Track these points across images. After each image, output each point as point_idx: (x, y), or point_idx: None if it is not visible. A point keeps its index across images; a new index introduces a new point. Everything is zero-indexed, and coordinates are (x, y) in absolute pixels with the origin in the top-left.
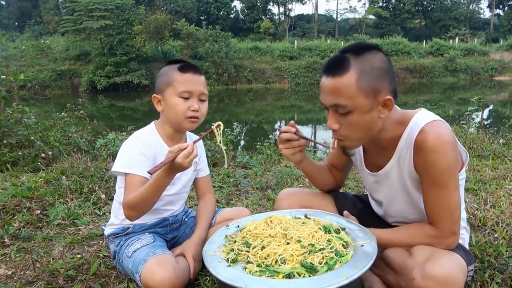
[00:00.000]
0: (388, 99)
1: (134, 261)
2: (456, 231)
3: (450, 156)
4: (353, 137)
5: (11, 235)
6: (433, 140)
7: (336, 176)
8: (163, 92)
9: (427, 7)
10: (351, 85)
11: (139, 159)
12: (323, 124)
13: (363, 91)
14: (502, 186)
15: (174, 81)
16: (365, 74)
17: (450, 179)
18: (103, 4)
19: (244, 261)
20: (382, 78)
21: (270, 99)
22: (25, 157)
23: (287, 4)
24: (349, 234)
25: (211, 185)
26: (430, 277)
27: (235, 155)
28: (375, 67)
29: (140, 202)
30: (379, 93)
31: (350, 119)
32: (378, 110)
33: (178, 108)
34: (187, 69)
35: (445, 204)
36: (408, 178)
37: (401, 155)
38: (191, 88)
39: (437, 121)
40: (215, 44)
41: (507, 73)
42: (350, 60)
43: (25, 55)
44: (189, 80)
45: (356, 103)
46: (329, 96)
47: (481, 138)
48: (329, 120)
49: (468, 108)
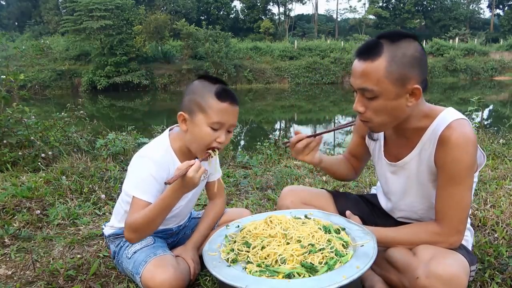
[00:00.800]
0: (416, 88)
1: (134, 262)
2: (461, 230)
3: (471, 156)
4: (377, 122)
5: (11, 235)
6: (458, 136)
7: (355, 165)
8: (193, 115)
9: (427, 7)
10: (380, 71)
11: (149, 183)
12: (323, 124)
13: (391, 78)
14: (502, 186)
15: (208, 108)
16: (395, 61)
17: (468, 177)
18: (103, 4)
19: (244, 261)
20: (413, 67)
21: (270, 99)
22: (25, 157)
23: (287, 4)
24: (349, 234)
25: (223, 189)
26: (435, 276)
27: (235, 155)
28: (407, 55)
29: (144, 224)
30: (407, 81)
31: (375, 104)
32: (405, 98)
33: (206, 138)
34: (226, 97)
35: (458, 201)
36: (426, 171)
37: (423, 147)
38: (225, 120)
39: (464, 120)
40: (215, 44)
41: (507, 73)
42: (383, 46)
43: (25, 55)
44: (225, 111)
45: (383, 89)
46: (358, 79)
47: (481, 138)
48: (355, 102)
49: (468, 108)
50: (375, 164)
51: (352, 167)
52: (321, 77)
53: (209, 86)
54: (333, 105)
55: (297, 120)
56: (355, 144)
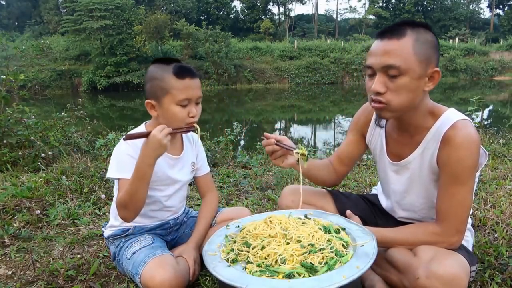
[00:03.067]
0: (436, 71)
1: (134, 262)
2: (462, 231)
3: (474, 157)
4: (396, 103)
5: (11, 235)
6: (463, 137)
7: (339, 170)
8: (160, 99)
9: (427, 7)
10: (408, 48)
11: (129, 163)
12: (323, 124)
13: (418, 56)
14: (502, 186)
15: (172, 89)
16: (420, 42)
17: (470, 178)
18: (103, 4)
19: (244, 261)
20: (433, 51)
21: (270, 99)
22: (25, 157)
23: (287, 4)
24: (349, 234)
25: (213, 183)
26: (436, 276)
27: (235, 155)
28: (428, 39)
29: (129, 198)
30: (429, 63)
31: (399, 82)
32: (424, 82)
33: (179, 116)
34: (184, 74)
35: (460, 201)
36: (428, 171)
37: (426, 147)
38: (191, 95)
39: (468, 121)
40: (215, 44)
41: (507, 73)
42: (406, 29)
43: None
44: (188, 86)
45: (409, 66)
46: (382, 57)
47: (481, 138)
48: (375, 83)
49: (468, 108)
50: (376, 164)
51: (334, 172)
52: (321, 77)
53: (166, 68)
54: (333, 105)
55: (297, 120)
56: (350, 144)
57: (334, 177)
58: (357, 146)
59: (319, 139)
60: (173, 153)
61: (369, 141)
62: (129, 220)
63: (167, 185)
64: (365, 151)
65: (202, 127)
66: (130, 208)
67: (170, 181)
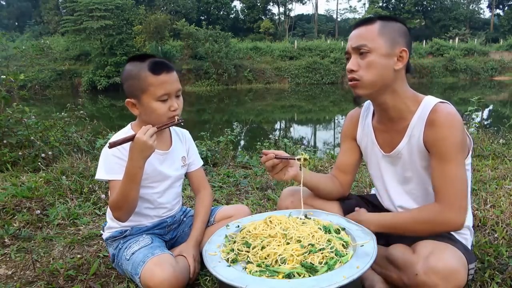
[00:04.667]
0: (404, 51)
1: (133, 263)
2: (462, 207)
3: (459, 133)
4: (367, 78)
5: (11, 235)
6: (445, 116)
7: (343, 180)
8: (139, 98)
9: (427, 7)
10: (374, 31)
11: (115, 163)
12: (323, 124)
13: (383, 37)
14: (502, 186)
15: (149, 86)
16: (387, 27)
17: (458, 154)
18: (103, 4)
19: (244, 261)
20: (401, 35)
21: (270, 99)
22: (25, 157)
23: (287, 4)
24: (349, 234)
25: (205, 179)
26: (434, 271)
27: (235, 155)
28: (396, 27)
29: (121, 199)
30: (396, 44)
31: (368, 59)
32: (394, 61)
33: (160, 112)
34: (160, 69)
35: (452, 177)
36: (418, 157)
37: (412, 133)
38: (169, 90)
39: (447, 103)
40: (215, 44)
41: (507, 73)
42: (376, 19)
43: (25, 55)
44: (165, 81)
45: (376, 44)
46: (353, 39)
47: (481, 138)
48: (349, 63)
49: (468, 108)
50: (368, 161)
51: (339, 184)
52: (321, 77)
53: (141, 65)
54: (333, 105)
55: (297, 120)
56: (345, 152)
57: (339, 188)
58: (352, 152)
59: (319, 139)
60: (162, 148)
61: (360, 140)
62: (123, 220)
63: (158, 181)
64: (361, 157)
65: (202, 127)
66: (123, 209)
67: (161, 177)
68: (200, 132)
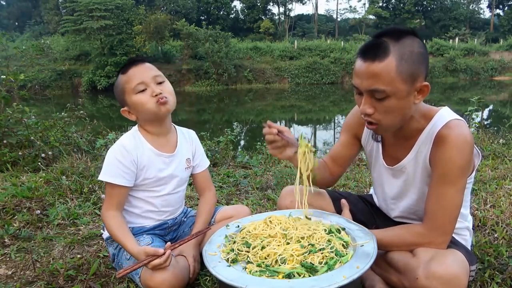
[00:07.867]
0: (425, 85)
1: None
2: (448, 231)
3: (467, 157)
4: (386, 122)
5: (11, 235)
6: (456, 137)
7: (334, 171)
8: (125, 102)
9: (427, 7)
10: (391, 71)
11: (116, 166)
12: (323, 124)
13: (402, 76)
14: (502, 186)
15: (124, 85)
16: (405, 60)
17: (461, 178)
18: (103, 4)
19: (244, 261)
20: (420, 64)
21: (270, 99)
22: (25, 157)
23: (287, 4)
24: (349, 234)
25: (210, 180)
26: (435, 276)
27: (235, 155)
28: (414, 52)
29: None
30: (416, 78)
31: (386, 104)
32: (413, 96)
33: (143, 101)
34: (128, 66)
35: (448, 201)
36: (422, 174)
37: (419, 149)
38: (140, 78)
39: (462, 121)
40: (215, 44)
41: (507, 73)
42: (389, 45)
43: (25, 55)
44: (134, 74)
45: (395, 89)
46: (367, 80)
47: (481, 138)
48: (363, 104)
49: (468, 108)
50: (371, 167)
51: (329, 173)
52: (321, 77)
53: (119, 75)
54: (333, 105)
55: (297, 120)
56: (343, 145)
57: (329, 177)
58: (350, 147)
59: (319, 139)
60: (168, 150)
61: (365, 144)
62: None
63: (162, 184)
64: (358, 152)
65: (202, 127)
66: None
67: (165, 180)
68: (200, 132)
